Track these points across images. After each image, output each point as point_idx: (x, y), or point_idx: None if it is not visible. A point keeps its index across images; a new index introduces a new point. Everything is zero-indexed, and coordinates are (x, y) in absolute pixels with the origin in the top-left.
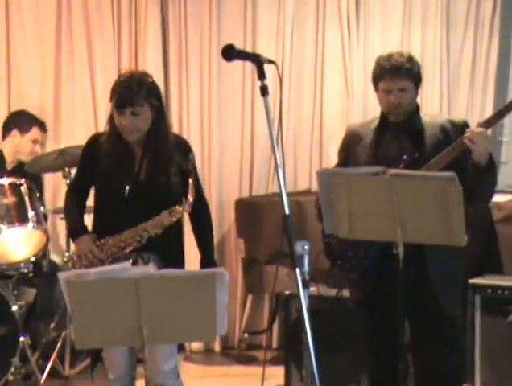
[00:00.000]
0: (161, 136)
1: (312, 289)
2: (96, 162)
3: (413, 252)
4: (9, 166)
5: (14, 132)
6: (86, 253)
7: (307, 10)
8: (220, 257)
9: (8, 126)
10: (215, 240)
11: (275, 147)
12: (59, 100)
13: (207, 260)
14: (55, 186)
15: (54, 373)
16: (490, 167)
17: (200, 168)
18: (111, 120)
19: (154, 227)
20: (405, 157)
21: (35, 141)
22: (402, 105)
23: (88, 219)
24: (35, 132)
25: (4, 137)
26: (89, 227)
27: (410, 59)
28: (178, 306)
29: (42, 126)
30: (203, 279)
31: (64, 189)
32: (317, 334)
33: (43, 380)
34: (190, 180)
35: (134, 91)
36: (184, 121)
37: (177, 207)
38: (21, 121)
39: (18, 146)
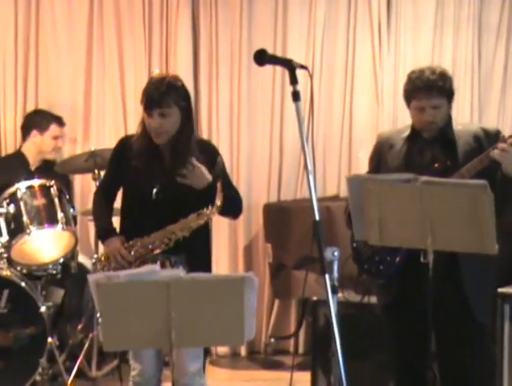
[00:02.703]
0: (185, 139)
1: (339, 294)
2: (125, 164)
3: (444, 259)
4: (32, 166)
5: (34, 132)
6: (115, 255)
7: (339, 15)
8: (247, 261)
9: (27, 128)
10: (242, 244)
11: (306, 153)
12: (90, 103)
13: None
14: (85, 188)
15: (81, 374)
16: None
17: (229, 172)
18: (143, 122)
19: (182, 230)
20: (436, 165)
21: (55, 138)
22: (436, 122)
23: (116, 222)
24: (53, 128)
25: (24, 139)
26: (117, 229)
27: (443, 75)
28: (207, 310)
29: (59, 121)
30: (232, 283)
31: (93, 191)
32: (344, 341)
33: (69, 381)
34: (218, 184)
35: (162, 92)
36: (214, 125)
37: (205, 209)
38: (38, 120)
39: (40, 146)
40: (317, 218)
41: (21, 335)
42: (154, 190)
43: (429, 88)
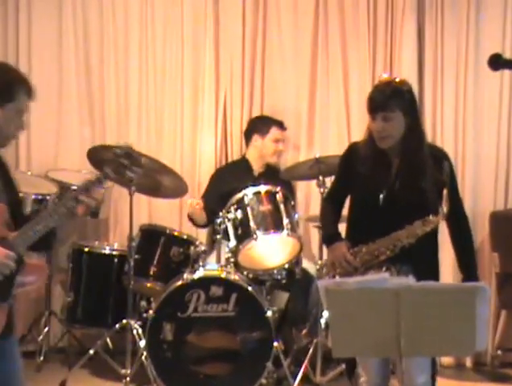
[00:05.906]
0: (415, 145)
1: None
2: (352, 170)
3: None
4: (256, 171)
5: (255, 137)
6: (340, 261)
7: None
8: None
9: (249, 134)
10: None
11: None
12: (314, 110)
13: (471, 280)
14: (308, 195)
15: (305, 379)
16: None
17: None
18: (369, 127)
19: (408, 237)
20: None
21: (276, 141)
22: None
23: (341, 228)
24: (274, 131)
25: (247, 144)
26: (343, 235)
27: None
28: (436, 319)
29: (280, 125)
30: (463, 293)
31: (317, 197)
32: None
33: None
34: (445, 191)
35: (386, 96)
36: (438, 130)
37: (431, 216)
38: (259, 124)
39: (261, 150)
40: None
41: (248, 339)
42: (382, 196)
43: None
